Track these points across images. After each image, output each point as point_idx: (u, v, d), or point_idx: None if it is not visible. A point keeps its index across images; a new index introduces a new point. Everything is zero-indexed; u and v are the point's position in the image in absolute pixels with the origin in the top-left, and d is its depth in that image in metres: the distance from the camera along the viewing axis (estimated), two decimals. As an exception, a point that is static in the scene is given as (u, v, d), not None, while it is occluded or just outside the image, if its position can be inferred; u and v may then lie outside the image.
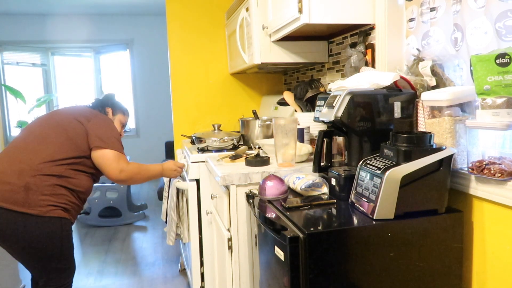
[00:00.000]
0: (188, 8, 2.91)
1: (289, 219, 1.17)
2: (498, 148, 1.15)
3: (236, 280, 1.59)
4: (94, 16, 5.91)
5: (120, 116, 2.04)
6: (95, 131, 1.77)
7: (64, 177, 1.68)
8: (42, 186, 1.62)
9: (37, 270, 1.74)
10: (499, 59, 1.01)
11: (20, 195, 1.59)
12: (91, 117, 1.83)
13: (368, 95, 1.32)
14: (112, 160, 1.76)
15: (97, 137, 1.76)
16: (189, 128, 2.98)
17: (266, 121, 2.30)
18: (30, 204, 1.59)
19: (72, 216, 1.72)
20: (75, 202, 1.72)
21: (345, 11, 1.66)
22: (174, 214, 2.20)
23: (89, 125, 1.78)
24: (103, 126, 1.82)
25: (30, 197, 1.59)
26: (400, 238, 1.12)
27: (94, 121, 1.81)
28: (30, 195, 1.59)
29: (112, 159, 1.76)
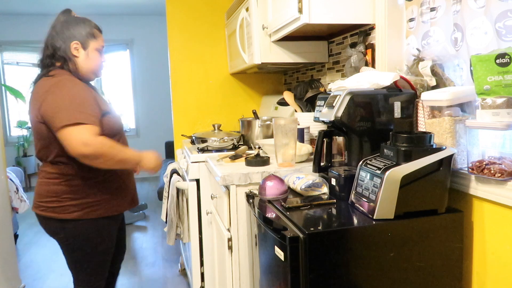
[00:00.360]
0: (188, 8, 2.91)
1: (289, 219, 1.17)
2: (498, 148, 1.15)
3: (236, 280, 1.59)
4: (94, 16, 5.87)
5: (93, 43, 1.59)
6: (50, 111, 1.43)
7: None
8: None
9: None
10: (499, 59, 1.01)
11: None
12: (44, 96, 1.47)
13: (368, 95, 1.32)
14: (73, 135, 1.38)
15: (55, 116, 1.41)
16: (189, 128, 2.98)
17: (266, 121, 2.30)
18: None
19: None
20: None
21: (345, 11, 1.66)
22: (174, 214, 2.20)
23: (43, 108, 1.45)
24: (56, 99, 1.44)
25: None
26: (400, 238, 1.12)
27: (47, 100, 1.45)
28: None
29: (72, 134, 1.39)
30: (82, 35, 1.56)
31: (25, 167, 5.84)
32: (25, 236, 3.86)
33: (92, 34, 1.59)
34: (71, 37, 1.55)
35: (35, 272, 3.05)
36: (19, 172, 4.19)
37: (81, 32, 1.56)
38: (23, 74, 6.11)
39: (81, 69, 1.58)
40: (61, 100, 1.44)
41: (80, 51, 1.57)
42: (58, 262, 3.22)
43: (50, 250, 3.48)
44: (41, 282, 2.88)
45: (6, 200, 2.57)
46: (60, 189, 1.54)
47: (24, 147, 5.95)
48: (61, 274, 3.00)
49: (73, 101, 1.44)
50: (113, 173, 1.61)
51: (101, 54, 1.63)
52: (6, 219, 2.54)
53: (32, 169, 5.99)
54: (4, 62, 5.95)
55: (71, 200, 1.54)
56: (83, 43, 1.57)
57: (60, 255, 3.36)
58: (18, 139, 5.94)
